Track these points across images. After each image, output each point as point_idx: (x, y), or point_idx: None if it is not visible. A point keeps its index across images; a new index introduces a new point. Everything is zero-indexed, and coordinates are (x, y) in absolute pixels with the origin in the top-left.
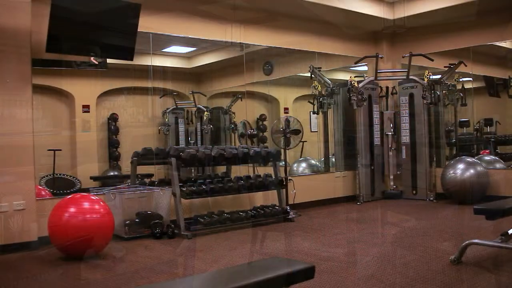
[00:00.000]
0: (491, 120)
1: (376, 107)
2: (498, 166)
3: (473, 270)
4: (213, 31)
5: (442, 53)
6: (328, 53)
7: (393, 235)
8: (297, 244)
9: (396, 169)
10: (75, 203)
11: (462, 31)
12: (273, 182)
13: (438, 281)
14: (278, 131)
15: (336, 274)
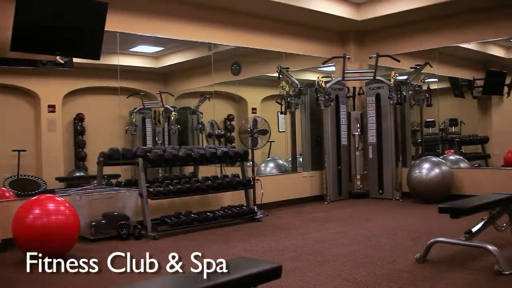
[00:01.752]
0: (456, 120)
1: (343, 107)
2: (462, 165)
3: (438, 268)
4: (181, 30)
5: (409, 54)
6: (296, 54)
7: (360, 234)
8: (264, 244)
9: (363, 168)
10: (40, 205)
11: (428, 33)
12: (241, 182)
13: (404, 279)
14: (246, 131)
15: (303, 274)
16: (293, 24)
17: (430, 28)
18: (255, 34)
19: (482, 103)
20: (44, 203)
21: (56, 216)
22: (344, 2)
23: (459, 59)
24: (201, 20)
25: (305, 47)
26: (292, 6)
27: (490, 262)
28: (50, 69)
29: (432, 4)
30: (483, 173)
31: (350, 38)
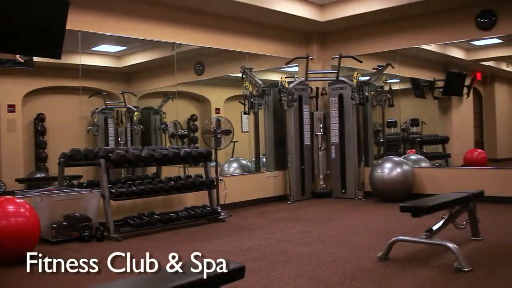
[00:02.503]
0: (417, 120)
1: (306, 108)
2: (423, 165)
3: (400, 266)
4: (144, 30)
5: (371, 55)
6: (260, 54)
7: (323, 233)
8: (228, 244)
9: (326, 168)
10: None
11: (390, 34)
12: (204, 182)
13: (366, 278)
14: (209, 131)
15: (266, 274)
16: (257, 25)
17: (392, 29)
18: (218, 34)
19: (443, 103)
20: (3, 205)
21: (15, 218)
22: (307, 3)
23: (420, 60)
24: (164, 19)
25: (269, 47)
26: (255, 6)
27: (450, 260)
28: (9, 68)
29: (393, 6)
30: (444, 172)
31: (313, 39)
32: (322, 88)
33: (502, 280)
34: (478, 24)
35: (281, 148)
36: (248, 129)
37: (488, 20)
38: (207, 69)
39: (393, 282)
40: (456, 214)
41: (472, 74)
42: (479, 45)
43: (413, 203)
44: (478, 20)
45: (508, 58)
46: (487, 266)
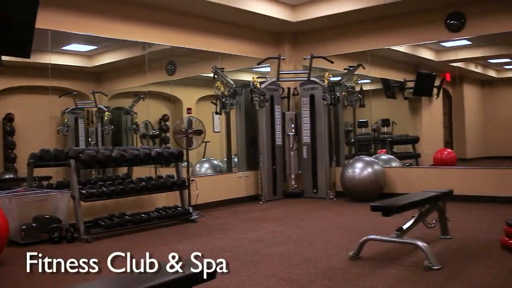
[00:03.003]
0: (388, 120)
1: (278, 108)
2: (394, 164)
3: (371, 265)
4: (115, 29)
5: (342, 55)
6: (232, 54)
7: (295, 233)
8: (199, 245)
9: (298, 168)
10: None
11: (361, 35)
12: (176, 183)
13: (337, 277)
14: (181, 131)
15: (238, 274)
16: (229, 25)
17: (363, 30)
18: (190, 34)
19: (413, 104)
20: None
21: None
22: (279, 4)
23: (391, 61)
24: (135, 19)
25: (241, 47)
26: (227, 6)
27: (420, 258)
28: None
29: (365, 7)
30: (414, 172)
31: (285, 39)
32: (293, 89)
33: (471, 278)
34: (447, 25)
35: (253, 148)
36: (220, 129)
37: (457, 22)
38: (178, 69)
39: (364, 281)
40: (426, 213)
41: (441, 75)
42: (448, 46)
43: (384, 202)
44: (448, 22)
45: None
46: (456, 264)
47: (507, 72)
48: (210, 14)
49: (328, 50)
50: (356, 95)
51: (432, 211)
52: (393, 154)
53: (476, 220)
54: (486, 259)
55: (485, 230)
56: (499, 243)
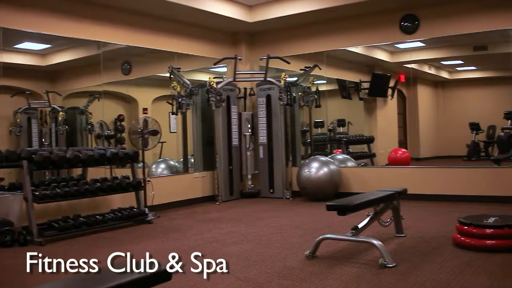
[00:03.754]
0: (344, 121)
1: (234, 108)
2: (349, 164)
3: (327, 263)
4: (69, 28)
5: (299, 56)
6: (188, 54)
7: (251, 233)
8: (155, 246)
9: (254, 168)
10: None
11: (317, 36)
12: (131, 183)
13: (294, 276)
14: (136, 132)
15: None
16: (185, 24)
17: (319, 31)
18: (146, 33)
19: (368, 104)
20: None
21: None
22: (236, 4)
23: (346, 62)
24: (90, 17)
25: (197, 47)
26: (184, 6)
27: (375, 256)
28: None
29: (320, 9)
30: (369, 171)
31: (242, 39)
32: (250, 89)
33: (425, 275)
34: (401, 28)
35: (209, 148)
36: (176, 129)
37: (411, 24)
38: (134, 69)
39: (321, 280)
40: (380, 212)
41: (396, 76)
42: (403, 48)
43: (339, 201)
44: (402, 24)
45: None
46: (410, 261)
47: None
48: (167, 14)
49: (284, 50)
50: (312, 96)
51: (387, 210)
52: (348, 154)
53: (429, 218)
54: (439, 256)
55: (438, 228)
56: (452, 240)
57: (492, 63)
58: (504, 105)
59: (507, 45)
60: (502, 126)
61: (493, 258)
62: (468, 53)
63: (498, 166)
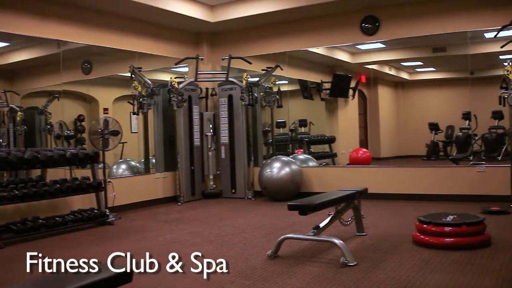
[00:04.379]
0: (305, 121)
1: (196, 108)
2: (311, 164)
3: (289, 263)
4: (27, 26)
5: (260, 56)
6: (149, 54)
7: (213, 233)
8: (115, 248)
9: (216, 169)
10: None
11: (279, 37)
12: (91, 184)
13: (256, 276)
14: (96, 132)
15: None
16: (147, 24)
17: (281, 32)
18: (107, 32)
19: (329, 105)
20: None
21: None
22: (197, 4)
23: (308, 62)
24: (49, 15)
25: (159, 47)
26: (145, 5)
27: (337, 255)
28: None
29: (282, 9)
30: (330, 171)
31: (204, 39)
32: (212, 89)
33: (385, 273)
34: (362, 29)
35: (171, 148)
36: (138, 129)
37: (371, 26)
38: (95, 68)
39: (283, 279)
40: (341, 211)
41: (357, 77)
42: (363, 49)
43: (300, 201)
44: (363, 26)
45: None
46: (371, 259)
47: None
48: (128, 13)
49: (246, 51)
50: (274, 96)
51: (348, 209)
52: (310, 153)
53: (389, 217)
54: (399, 254)
55: (398, 226)
56: (411, 239)
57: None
58: (462, 105)
59: (465, 47)
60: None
61: (452, 256)
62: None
63: (457, 165)
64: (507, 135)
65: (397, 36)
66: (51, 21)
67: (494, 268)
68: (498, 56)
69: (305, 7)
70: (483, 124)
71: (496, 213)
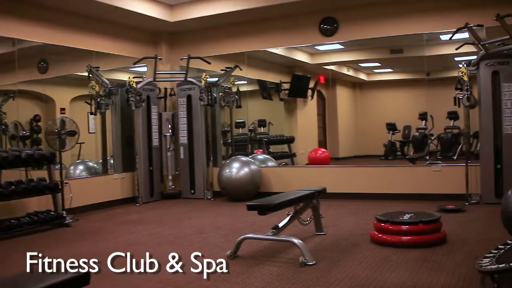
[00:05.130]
0: (265, 121)
1: (154, 108)
2: (270, 164)
3: (248, 263)
4: None
5: (220, 56)
6: (107, 53)
7: (172, 234)
8: (74, 250)
9: (175, 169)
10: None
11: (238, 37)
12: (48, 186)
13: (216, 276)
14: (53, 132)
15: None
16: (105, 23)
17: (240, 32)
18: (64, 31)
19: (288, 105)
20: None
21: None
22: (156, 3)
23: (267, 63)
24: (4, 12)
25: (117, 46)
26: (103, 4)
27: (296, 255)
28: None
29: (242, 10)
30: (289, 171)
31: (162, 39)
32: (170, 89)
33: (344, 271)
34: (321, 30)
35: (129, 149)
36: (95, 130)
37: (330, 27)
38: (51, 67)
39: (243, 279)
40: (300, 211)
41: (316, 77)
42: (322, 50)
43: (260, 201)
44: (322, 27)
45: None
46: (330, 259)
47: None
48: (86, 11)
49: (205, 51)
50: (233, 96)
51: (307, 209)
52: (269, 154)
53: (348, 216)
54: (358, 253)
55: (356, 225)
56: (370, 237)
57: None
58: (418, 106)
59: (421, 48)
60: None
61: (409, 253)
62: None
63: (413, 165)
64: (462, 135)
65: (355, 37)
66: (5, 18)
67: (450, 265)
68: (453, 58)
69: (264, 8)
70: (439, 124)
71: (452, 211)
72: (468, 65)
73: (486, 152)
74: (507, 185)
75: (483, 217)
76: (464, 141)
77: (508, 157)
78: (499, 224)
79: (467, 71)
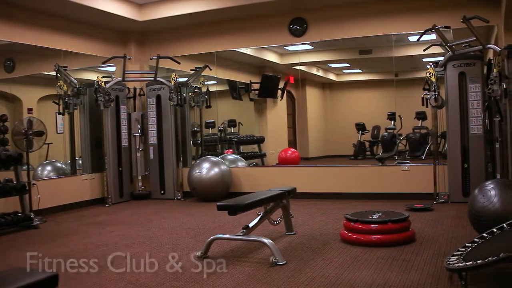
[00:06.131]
0: (234, 121)
1: (123, 108)
2: (240, 164)
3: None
4: None
5: (189, 56)
6: (75, 52)
7: (142, 235)
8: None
9: (144, 169)
10: None
11: (208, 37)
12: (15, 187)
13: (186, 277)
14: (20, 132)
15: (85, 280)
16: (72, 21)
17: (210, 32)
18: (31, 29)
19: (258, 105)
20: None
21: None
22: (125, 2)
23: (237, 63)
24: None
25: (85, 45)
26: (71, 2)
27: (266, 255)
28: None
29: (211, 9)
30: (259, 171)
31: (132, 38)
32: (139, 89)
33: (314, 271)
34: (290, 30)
35: (98, 149)
36: (63, 130)
37: (299, 27)
38: (18, 66)
39: (213, 280)
40: (270, 211)
41: (285, 78)
42: (292, 50)
43: (230, 201)
44: (291, 27)
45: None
46: (300, 258)
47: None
48: (53, 10)
49: (175, 50)
50: (202, 96)
51: (277, 209)
52: (239, 154)
53: (318, 216)
54: (328, 252)
55: (327, 225)
56: (340, 237)
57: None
58: (387, 106)
59: (390, 49)
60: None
61: (378, 252)
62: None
63: (382, 164)
64: (430, 135)
65: (325, 38)
66: None
67: (418, 263)
68: (421, 59)
69: (234, 8)
70: (408, 124)
71: (420, 210)
72: (436, 66)
73: (453, 151)
74: (474, 184)
75: (450, 215)
76: (432, 141)
77: (475, 156)
78: (467, 223)
79: (434, 72)
